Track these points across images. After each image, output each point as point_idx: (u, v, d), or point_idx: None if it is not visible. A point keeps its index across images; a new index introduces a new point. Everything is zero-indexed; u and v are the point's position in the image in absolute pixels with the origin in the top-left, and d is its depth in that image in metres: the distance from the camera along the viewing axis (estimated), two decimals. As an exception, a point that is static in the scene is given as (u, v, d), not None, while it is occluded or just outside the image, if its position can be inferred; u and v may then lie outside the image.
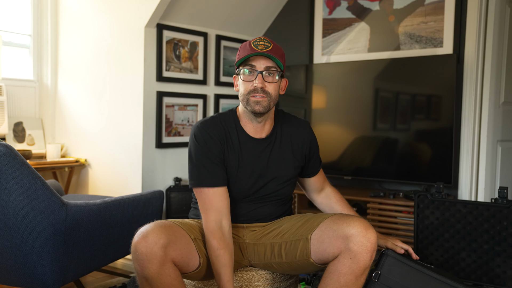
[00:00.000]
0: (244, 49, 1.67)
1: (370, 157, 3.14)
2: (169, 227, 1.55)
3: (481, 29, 2.88)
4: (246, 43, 1.68)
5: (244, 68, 1.66)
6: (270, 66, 1.65)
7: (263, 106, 1.65)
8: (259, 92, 1.63)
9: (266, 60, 1.65)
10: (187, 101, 3.22)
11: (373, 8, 3.27)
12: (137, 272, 1.49)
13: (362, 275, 1.57)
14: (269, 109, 1.69)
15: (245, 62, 1.66)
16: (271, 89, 1.66)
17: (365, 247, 1.52)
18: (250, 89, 1.65)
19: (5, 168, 1.75)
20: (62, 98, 3.38)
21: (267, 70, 1.65)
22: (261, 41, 1.65)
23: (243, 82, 1.67)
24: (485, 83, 2.90)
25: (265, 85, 1.65)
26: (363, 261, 1.53)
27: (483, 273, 2.38)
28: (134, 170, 3.01)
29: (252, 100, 1.65)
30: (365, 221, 1.59)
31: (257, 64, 1.64)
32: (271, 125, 1.78)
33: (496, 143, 3.02)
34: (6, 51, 3.18)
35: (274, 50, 1.65)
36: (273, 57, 1.63)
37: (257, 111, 1.66)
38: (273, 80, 1.66)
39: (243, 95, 1.67)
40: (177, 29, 3.11)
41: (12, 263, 1.89)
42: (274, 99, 1.68)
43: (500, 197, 2.35)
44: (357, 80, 3.17)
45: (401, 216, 2.81)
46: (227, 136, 1.72)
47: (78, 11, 3.26)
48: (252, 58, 1.65)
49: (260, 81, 1.64)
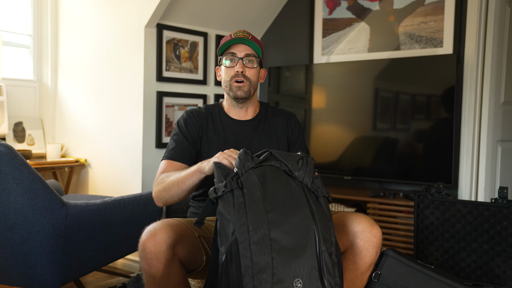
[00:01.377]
0: (225, 39, 1.80)
1: (370, 157, 3.14)
2: (177, 226, 1.55)
3: (481, 29, 2.88)
4: (227, 36, 1.81)
5: (225, 55, 1.79)
6: (249, 53, 1.78)
7: (244, 91, 1.78)
8: (240, 76, 1.76)
9: (245, 47, 1.78)
10: (187, 101, 3.22)
11: (373, 8, 3.27)
12: (144, 271, 1.49)
13: (367, 271, 1.60)
14: (250, 94, 1.81)
15: (226, 50, 1.79)
16: (251, 74, 1.79)
17: (371, 242, 1.56)
18: (232, 74, 1.78)
19: (5, 168, 1.75)
20: (62, 98, 3.38)
21: (247, 57, 1.77)
22: (241, 32, 1.79)
23: (225, 69, 1.80)
24: (485, 83, 2.90)
25: (245, 70, 1.77)
26: (369, 256, 1.57)
27: (483, 273, 2.38)
28: (134, 170, 3.00)
29: (234, 86, 1.77)
30: (369, 218, 1.63)
31: (238, 52, 1.77)
32: (254, 111, 1.89)
33: (496, 143, 3.02)
34: (6, 51, 3.18)
35: (253, 39, 1.78)
36: (252, 43, 1.77)
37: (238, 96, 1.78)
38: (253, 66, 1.79)
39: (226, 81, 1.80)
40: (177, 29, 3.11)
41: (12, 263, 1.89)
42: (254, 84, 1.81)
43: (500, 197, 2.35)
44: (357, 80, 3.17)
45: (401, 216, 2.80)
46: (208, 120, 1.83)
47: (78, 11, 3.26)
48: (232, 46, 1.78)
49: (241, 66, 1.76)
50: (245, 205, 1.30)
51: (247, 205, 1.30)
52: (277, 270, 1.24)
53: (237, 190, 1.33)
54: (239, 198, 1.32)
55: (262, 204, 1.31)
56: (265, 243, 1.26)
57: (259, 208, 1.30)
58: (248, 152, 1.42)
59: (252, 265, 1.23)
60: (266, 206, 1.31)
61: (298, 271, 1.26)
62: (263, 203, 1.31)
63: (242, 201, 1.31)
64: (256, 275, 1.23)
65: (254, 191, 1.33)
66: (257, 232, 1.26)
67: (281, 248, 1.26)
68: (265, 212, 1.30)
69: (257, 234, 1.26)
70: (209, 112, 1.86)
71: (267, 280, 1.23)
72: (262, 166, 1.41)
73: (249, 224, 1.27)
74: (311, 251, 1.29)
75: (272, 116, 1.90)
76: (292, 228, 1.30)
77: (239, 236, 1.26)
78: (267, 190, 1.35)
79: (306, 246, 1.29)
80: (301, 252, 1.28)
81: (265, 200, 1.32)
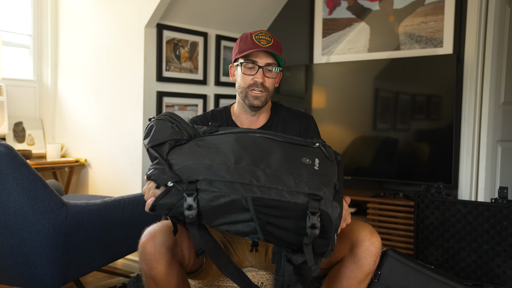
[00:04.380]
0: (246, 42, 1.68)
1: (370, 157, 3.14)
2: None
3: (481, 29, 2.88)
4: (247, 35, 1.69)
5: (246, 62, 1.68)
6: (270, 63, 1.68)
7: (261, 101, 1.70)
8: (259, 86, 1.67)
9: (267, 56, 1.68)
10: (187, 101, 3.22)
11: (373, 8, 3.27)
12: (144, 272, 1.49)
13: (365, 280, 1.57)
14: (266, 103, 1.73)
15: (246, 55, 1.68)
16: (270, 83, 1.71)
17: (369, 251, 1.52)
18: (250, 83, 1.68)
19: (5, 168, 1.75)
20: (62, 98, 3.38)
21: (268, 66, 1.68)
22: (263, 36, 1.67)
23: (243, 75, 1.70)
24: (485, 83, 2.90)
25: (265, 81, 1.68)
26: (367, 265, 1.53)
27: (483, 273, 2.38)
28: (134, 170, 3.01)
29: (251, 95, 1.69)
30: (370, 226, 1.59)
31: (259, 60, 1.67)
32: (266, 117, 1.81)
33: (496, 143, 3.02)
34: (6, 51, 3.18)
35: (275, 45, 1.68)
36: (275, 54, 1.66)
37: (255, 105, 1.71)
38: (273, 76, 1.71)
39: (242, 88, 1.71)
40: (177, 29, 3.11)
41: (12, 263, 1.89)
42: (271, 93, 1.73)
43: (500, 197, 2.35)
44: (357, 80, 3.17)
45: (401, 216, 2.80)
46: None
47: (78, 11, 3.26)
48: (254, 53, 1.67)
49: (261, 76, 1.67)
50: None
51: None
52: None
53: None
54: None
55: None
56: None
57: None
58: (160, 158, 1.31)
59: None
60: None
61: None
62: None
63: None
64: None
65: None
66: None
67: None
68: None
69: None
70: (215, 120, 1.78)
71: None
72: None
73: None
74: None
75: (283, 120, 1.82)
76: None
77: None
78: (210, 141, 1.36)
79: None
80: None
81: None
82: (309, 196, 1.17)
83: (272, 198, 1.18)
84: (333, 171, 1.27)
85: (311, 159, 1.28)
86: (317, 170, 1.24)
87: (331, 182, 1.22)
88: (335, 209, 1.18)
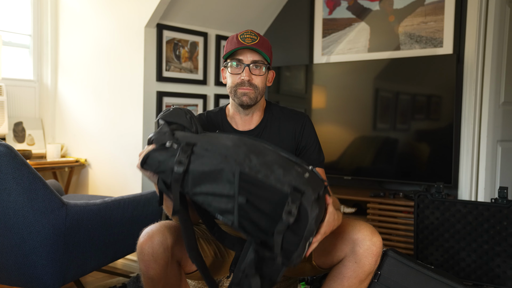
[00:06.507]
0: (231, 42, 1.69)
1: (370, 157, 3.14)
2: (174, 227, 1.54)
3: (481, 29, 2.88)
4: (234, 36, 1.70)
5: (231, 61, 1.68)
6: (256, 60, 1.67)
7: (250, 98, 1.68)
8: (246, 85, 1.67)
9: (253, 53, 1.67)
10: (187, 101, 3.22)
11: (373, 8, 3.27)
12: (142, 272, 1.49)
13: (366, 279, 1.57)
14: (257, 101, 1.72)
15: (232, 55, 1.69)
16: (258, 81, 1.69)
17: (371, 251, 1.52)
18: (238, 81, 1.68)
19: (5, 168, 1.75)
20: (62, 98, 3.38)
21: (254, 63, 1.67)
22: (248, 34, 1.68)
23: (231, 75, 1.70)
24: (485, 83, 2.90)
25: (252, 78, 1.68)
26: (368, 265, 1.53)
27: (483, 273, 2.38)
28: (134, 170, 3.00)
29: (240, 92, 1.68)
30: (370, 226, 1.59)
31: (244, 58, 1.67)
32: (260, 116, 1.79)
33: (496, 143, 3.02)
34: (6, 51, 3.18)
35: (261, 43, 1.68)
36: (259, 51, 1.66)
37: (244, 103, 1.69)
38: (260, 73, 1.69)
39: (231, 87, 1.71)
40: (177, 29, 3.11)
41: (12, 263, 1.89)
42: (261, 91, 1.72)
43: (500, 197, 2.35)
44: (357, 80, 3.17)
45: (401, 216, 2.81)
46: (210, 129, 1.75)
47: (78, 11, 3.26)
48: (239, 51, 1.67)
49: (247, 74, 1.67)
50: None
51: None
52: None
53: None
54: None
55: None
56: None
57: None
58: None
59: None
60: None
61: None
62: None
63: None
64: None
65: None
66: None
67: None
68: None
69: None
70: (211, 120, 1.78)
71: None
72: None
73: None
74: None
75: (278, 120, 1.79)
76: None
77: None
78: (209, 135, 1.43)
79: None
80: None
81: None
82: (294, 189, 1.25)
83: (259, 179, 1.28)
84: (320, 186, 1.33)
85: (302, 171, 1.34)
86: (306, 178, 1.31)
87: (316, 189, 1.28)
88: (314, 209, 1.25)
